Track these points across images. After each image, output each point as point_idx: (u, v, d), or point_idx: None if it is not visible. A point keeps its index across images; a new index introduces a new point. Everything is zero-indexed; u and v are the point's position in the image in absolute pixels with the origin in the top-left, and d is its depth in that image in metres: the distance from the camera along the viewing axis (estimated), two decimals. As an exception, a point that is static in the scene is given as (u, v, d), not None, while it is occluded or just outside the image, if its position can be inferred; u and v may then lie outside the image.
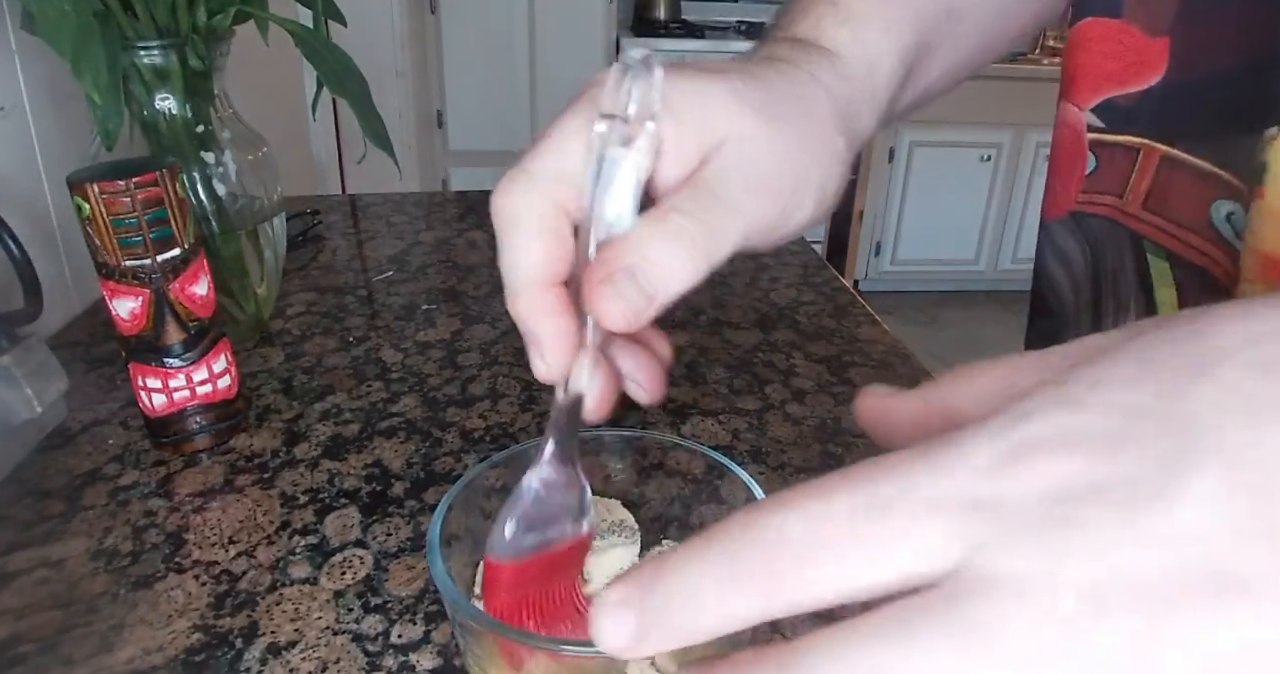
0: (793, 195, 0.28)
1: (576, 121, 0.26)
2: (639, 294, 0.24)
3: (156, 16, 0.54)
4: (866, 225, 3.18)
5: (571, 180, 0.26)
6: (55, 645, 0.38)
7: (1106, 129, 0.45)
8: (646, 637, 0.18)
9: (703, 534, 0.18)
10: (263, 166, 0.63)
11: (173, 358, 0.50)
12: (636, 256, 0.24)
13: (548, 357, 0.27)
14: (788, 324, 0.72)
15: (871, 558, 0.16)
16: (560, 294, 0.26)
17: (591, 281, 0.24)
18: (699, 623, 0.17)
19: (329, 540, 0.45)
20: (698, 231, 0.25)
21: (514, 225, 0.26)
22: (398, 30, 2.23)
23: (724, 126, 0.27)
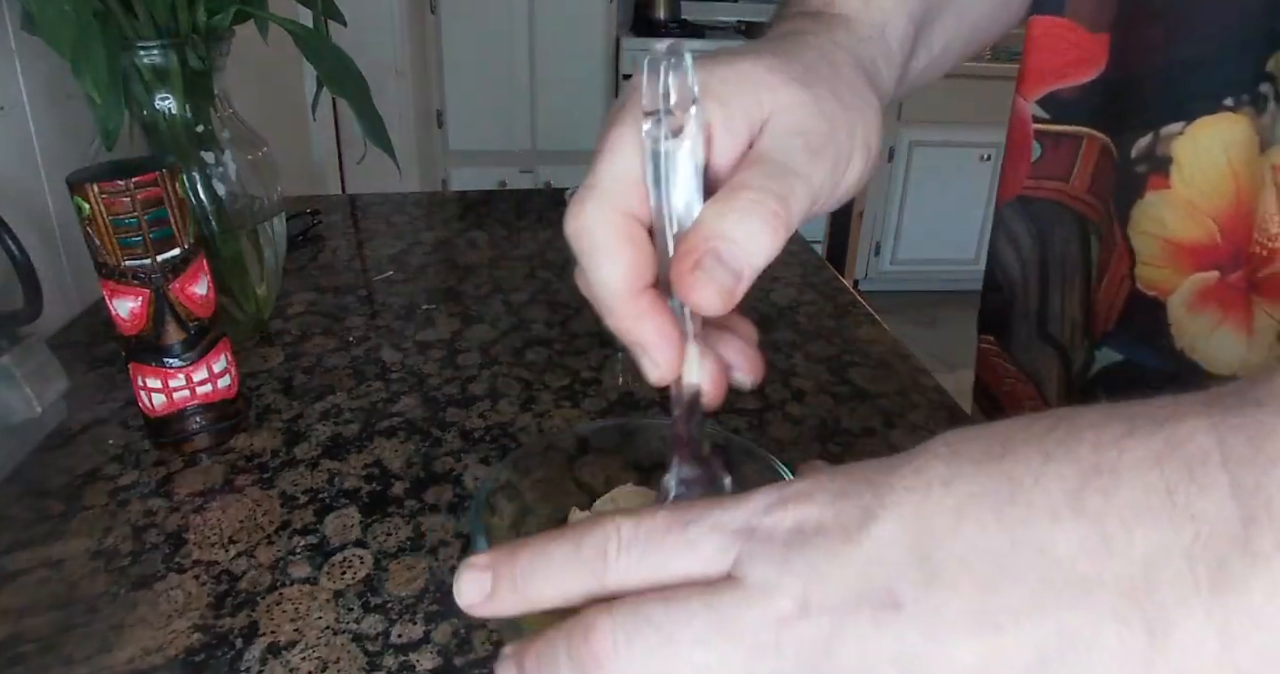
0: (843, 153, 0.29)
1: (624, 128, 0.27)
2: (727, 274, 0.25)
3: (156, 16, 0.54)
4: (866, 225, 3.17)
5: (635, 186, 0.27)
6: (55, 645, 0.38)
7: (1050, 120, 0.47)
8: (497, 598, 0.24)
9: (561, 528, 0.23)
10: (263, 166, 0.63)
11: (173, 358, 0.50)
12: (716, 238, 0.25)
13: (657, 359, 0.27)
14: (788, 324, 0.72)
15: (669, 558, 0.22)
16: (653, 297, 0.27)
17: (680, 272, 0.25)
18: (542, 592, 0.23)
19: (329, 540, 0.45)
20: (770, 202, 0.26)
21: (593, 244, 0.27)
22: (398, 30, 2.23)
23: (768, 101, 0.28)
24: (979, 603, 0.18)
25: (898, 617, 0.19)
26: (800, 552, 0.20)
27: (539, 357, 0.65)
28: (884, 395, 0.61)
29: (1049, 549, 0.18)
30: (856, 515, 0.20)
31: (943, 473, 0.20)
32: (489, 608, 0.24)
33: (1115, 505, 0.18)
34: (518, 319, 0.72)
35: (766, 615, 0.20)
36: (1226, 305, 0.37)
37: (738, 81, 0.28)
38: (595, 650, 0.21)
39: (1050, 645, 0.17)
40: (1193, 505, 0.17)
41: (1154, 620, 0.17)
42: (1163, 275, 0.40)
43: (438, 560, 0.44)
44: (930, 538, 0.19)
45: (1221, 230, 0.37)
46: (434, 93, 2.78)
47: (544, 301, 0.75)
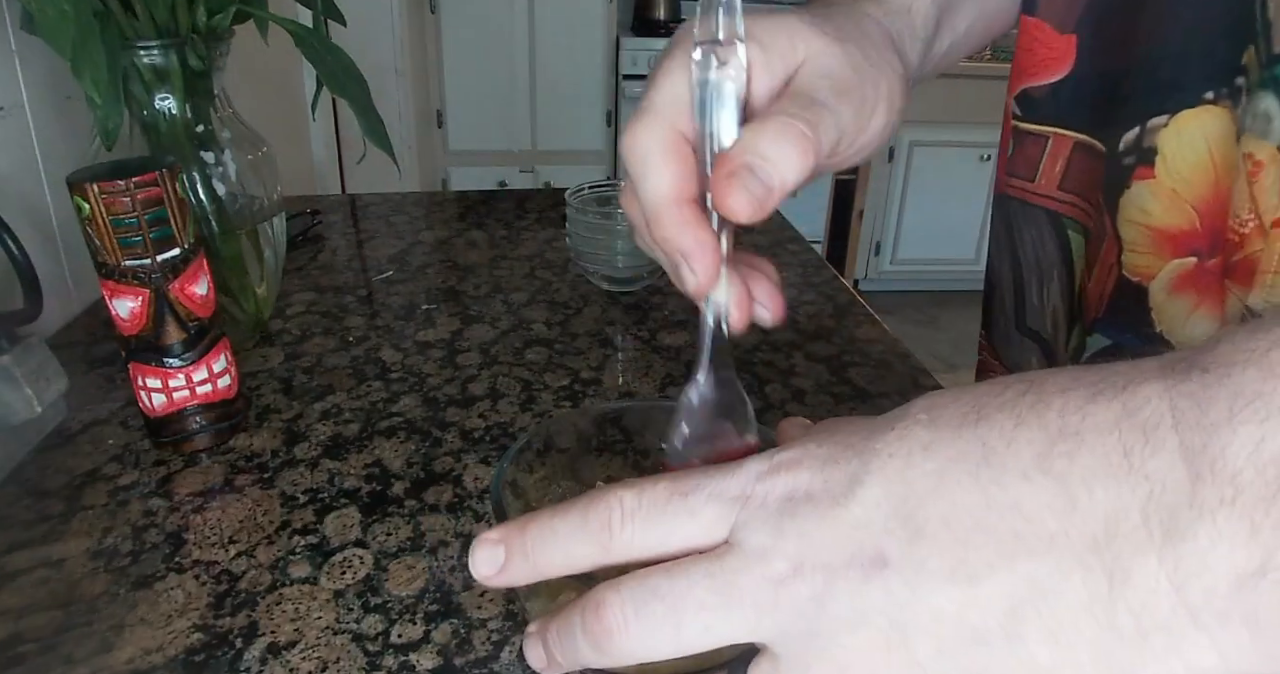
0: (867, 100, 0.32)
1: (676, 59, 0.30)
2: (760, 185, 0.28)
3: (156, 16, 0.54)
4: (866, 225, 3.17)
5: (683, 107, 0.30)
6: (55, 645, 0.38)
7: (1024, 117, 0.49)
8: (509, 569, 0.26)
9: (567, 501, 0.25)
10: (263, 166, 0.63)
11: (173, 358, 0.50)
12: (752, 155, 0.28)
13: (696, 267, 0.29)
14: (788, 324, 0.72)
15: (671, 526, 0.24)
16: (696, 209, 0.29)
17: (717, 180, 0.28)
18: (551, 561, 0.25)
19: (329, 540, 0.45)
20: (801, 126, 0.28)
21: (644, 157, 0.29)
22: (398, 30, 2.23)
23: (803, 47, 0.31)
24: (958, 556, 0.20)
25: (884, 571, 0.21)
26: (792, 517, 0.22)
27: (539, 357, 0.65)
28: (884, 395, 0.61)
29: (1020, 507, 0.20)
30: (844, 481, 0.22)
31: (923, 438, 0.22)
32: (502, 579, 0.26)
33: (1079, 467, 0.19)
34: (518, 319, 0.72)
35: (764, 577, 0.22)
36: (1202, 290, 0.39)
37: (777, 29, 0.31)
38: (606, 624, 0.23)
39: (1022, 592, 0.19)
40: (1146, 466, 0.19)
41: (1113, 568, 0.19)
42: (1145, 261, 0.41)
43: (438, 560, 0.44)
44: (913, 499, 0.21)
45: (1201, 218, 0.39)
46: (434, 93, 2.78)
47: (544, 302, 0.75)
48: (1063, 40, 0.46)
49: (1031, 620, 0.19)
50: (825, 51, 0.31)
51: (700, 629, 0.22)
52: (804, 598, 0.21)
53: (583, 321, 0.71)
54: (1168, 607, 0.18)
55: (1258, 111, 0.35)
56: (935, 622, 0.20)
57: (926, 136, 3.00)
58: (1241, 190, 0.36)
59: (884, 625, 0.21)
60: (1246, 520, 0.17)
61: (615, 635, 0.23)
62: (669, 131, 0.30)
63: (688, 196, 0.29)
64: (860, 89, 0.31)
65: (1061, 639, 0.19)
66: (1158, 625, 0.18)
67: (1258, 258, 0.36)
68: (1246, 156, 0.36)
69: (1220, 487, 0.18)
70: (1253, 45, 0.36)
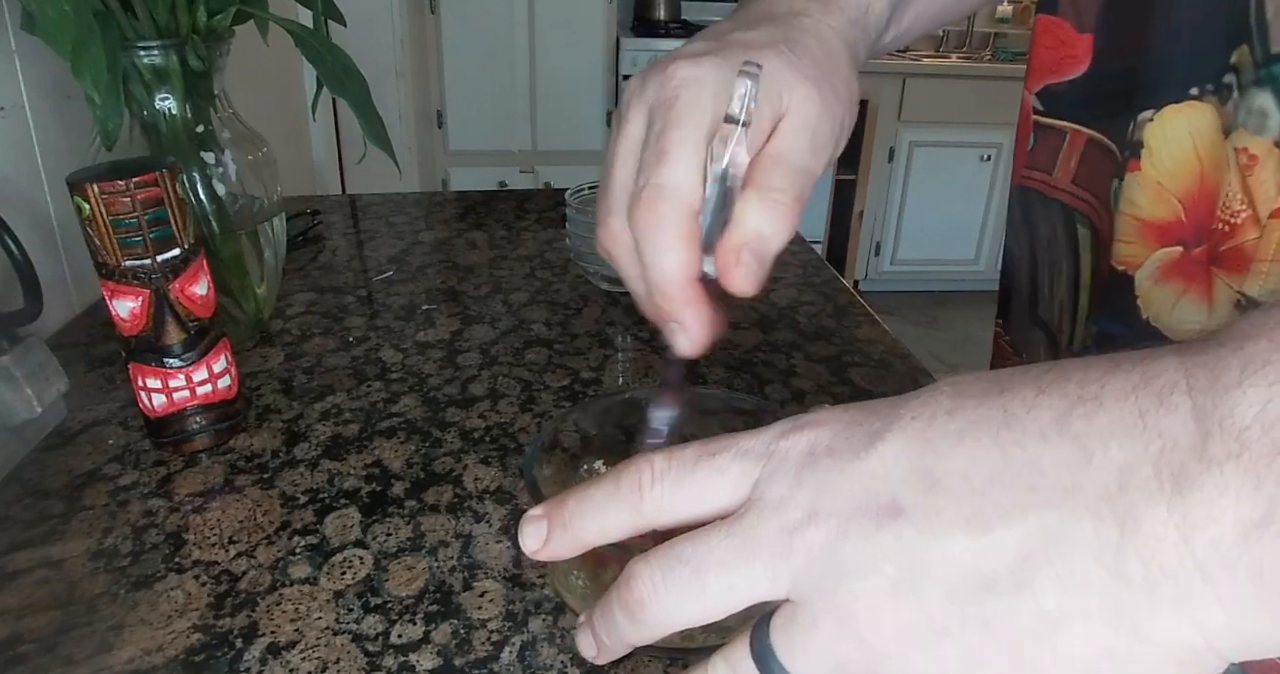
0: (836, 137, 0.34)
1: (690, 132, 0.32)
2: (760, 265, 0.31)
3: (156, 16, 0.54)
4: (866, 225, 3.17)
5: (697, 187, 0.31)
6: (55, 645, 0.38)
7: (1044, 112, 0.51)
8: (552, 541, 0.27)
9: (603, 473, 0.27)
10: (263, 166, 0.63)
11: (173, 358, 0.50)
12: (754, 236, 0.31)
13: (694, 338, 0.32)
14: (788, 324, 0.72)
15: (700, 485, 0.25)
16: (700, 289, 0.32)
17: (725, 265, 0.31)
18: (588, 529, 0.27)
19: (329, 540, 0.45)
20: (791, 202, 0.31)
21: (664, 238, 0.31)
22: (398, 30, 2.23)
23: (787, 98, 0.33)
24: (972, 507, 0.21)
25: (898, 519, 0.21)
26: (811, 470, 0.23)
27: (539, 357, 0.65)
28: (884, 395, 0.61)
29: (1037, 463, 0.20)
30: (865, 438, 0.23)
31: (946, 405, 0.23)
32: (547, 551, 0.28)
33: (1095, 427, 0.20)
34: (518, 319, 0.72)
35: (779, 527, 0.23)
36: (1188, 278, 0.40)
37: (767, 85, 0.32)
38: (638, 594, 0.24)
39: (1033, 541, 0.20)
40: (1160, 425, 0.20)
41: (1124, 517, 0.19)
42: (1132, 251, 0.43)
43: (438, 560, 0.44)
44: (932, 455, 0.22)
45: (1185, 209, 0.40)
46: (434, 93, 2.78)
47: (544, 302, 0.75)
48: (1082, 39, 0.47)
49: (1042, 568, 0.20)
50: (805, 100, 0.33)
51: (724, 589, 0.23)
52: (817, 544, 0.22)
53: (583, 322, 0.71)
54: (1176, 557, 0.19)
55: (1252, 108, 0.36)
56: (945, 569, 0.21)
57: (926, 136, 3.00)
58: (1233, 182, 0.37)
59: (893, 572, 0.21)
60: (1252, 474, 0.18)
61: (646, 604, 0.24)
62: (686, 215, 0.31)
63: (693, 276, 0.32)
64: (830, 134, 0.34)
65: (1071, 587, 0.19)
66: (1166, 574, 0.19)
67: (1251, 247, 0.37)
68: (1241, 150, 0.37)
69: (1227, 442, 0.19)
70: (1245, 44, 0.37)
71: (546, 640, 0.39)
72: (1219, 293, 0.39)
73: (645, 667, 0.38)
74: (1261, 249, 0.37)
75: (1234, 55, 0.37)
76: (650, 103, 0.34)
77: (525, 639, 0.39)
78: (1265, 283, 0.37)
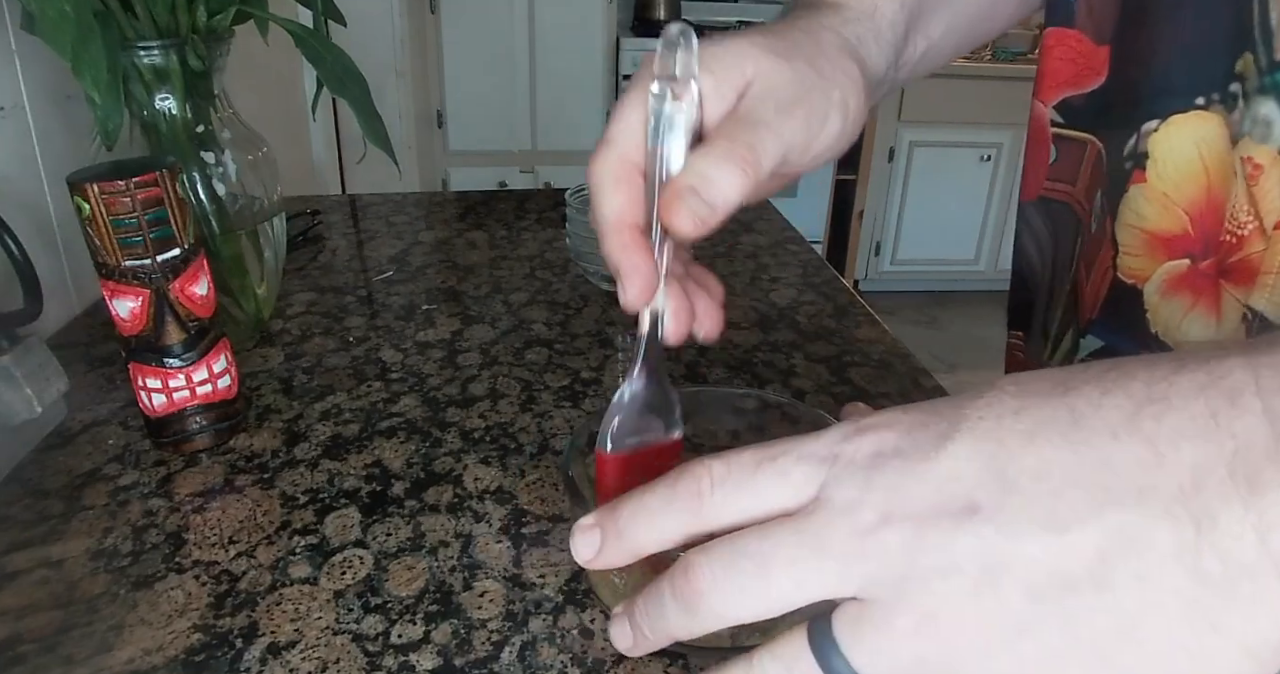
0: (816, 111, 0.34)
1: (635, 94, 0.33)
2: (702, 204, 0.30)
3: (156, 16, 0.54)
4: (866, 225, 3.17)
5: (638, 138, 0.33)
6: (55, 645, 0.38)
7: (1065, 125, 0.50)
8: (605, 551, 0.27)
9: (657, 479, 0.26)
10: (263, 166, 0.63)
11: (173, 358, 0.50)
12: (694, 177, 0.31)
13: (629, 286, 0.32)
14: (788, 324, 0.72)
15: (761, 489, 0.25)
16: (636, 234, 0.32)
17: (663, 202, 0.31)
18: (644, 538, 0.26)
19: (329, 540, 0.45)
20: (740, 149, 0.31)
21: (599, 184, 0.33)
22: (398, 30, 2.23)
23: (750, 68, 0.33)
24: (1049, 507, 0.21)
25: (975, 519, 0.22)
26: (881, 472, 0.23)
27: (539, 357, 0.65)
28: (884, 395, 0.61)
29: (1109, 463, 0.21)
30: (932, 440, 0.23)
31: (1012, 405, 0.23)
32: (601, 561, 0.27)
33: (1166, 427, 0.20)
34: (518, 319, 0.72)
35: (852, 529, 0.23)
36: (1197, 291, 0.40)
37: (726, 55, 0.33)
38: (696, 585, 0.24)
39: (1111, 541, 0.20)
40: (1233, 426, 0.20)
41: (1200, 515, 0.19)
42: (1140, 264, 0.42)
43: (438, 560, 0.44)
44: (1004, 456, 0.22)
45: (1193, 221, 0.40)
46: (434, 93, 2.78)
47: (544, 302, 0.75)
48: (1101, 51, 0.47)
49: (1120, 568, 0.20)
50: (772, 70, 0.33)
51: (790, 585, 0.23)
52: (893, 547, 0.22)
53: (583, 321, 0.71)
54: (1254, 554, 0.19)
55: (1257, 117, 0.36)
56: (1026, 568, 0.21)
57: (926, 136, 3.00)
58: (1239, 193, 0.37)
59: (974, 572, 0.21)
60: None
61: (706, 595, 0.24)
62: (622, 161, 0.33)
63: (629, 222, 0.32)
64: (808, 102, 0.34)
65: (1149, 586, 0.20)
66: (1244, 572, 0.19)
67: (1257, 259, 0.36)
68: (1246, 160, 0.36)
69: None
70: (1250, 52, 0.36)
71: (546, 640, 0.39)
72: (1226, 306, 0.38)
73: (645, 667, 0.38)
74: (1267, 261, 0.36)
75: (1239, 64, 0.37)
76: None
77: (525, 639, 0.39)
78: (1272, 296, 0.36)
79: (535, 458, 0.53)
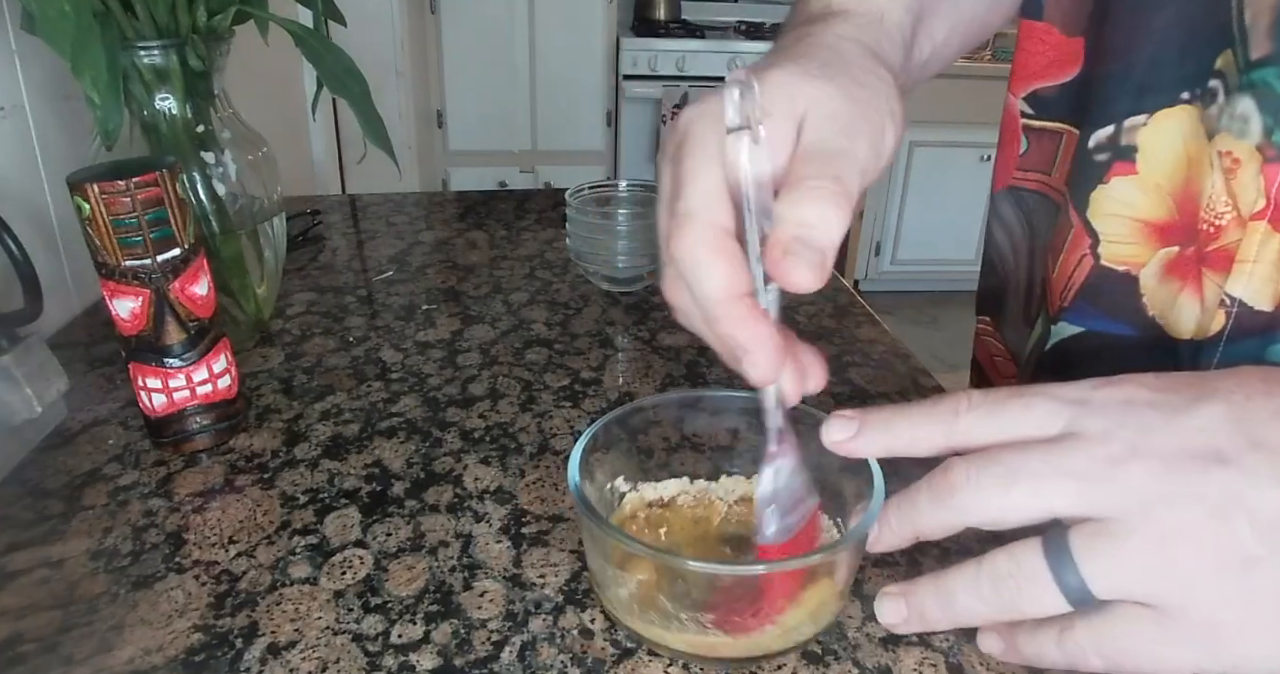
0: (875, 126, 0.33)
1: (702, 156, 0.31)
2: (813, 253, 0.29)
3: (156, 16, 0.54)
4: (866, 225, 3.17)
5: (722, 204, 0.31)
6: (55, 645, 0.38)
7: (1035, 116, 0.52)
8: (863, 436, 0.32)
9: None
10: (263, 166, 0.63)
11: (173, 358, 0.50)
12: (796, 226, 0.29)
13: (758, 360, 0.31)
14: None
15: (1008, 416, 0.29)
16: (751, 303, 0.31)
17: (773, 262, 0.29)
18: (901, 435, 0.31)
19: (329, 540, 0.45)
20: (830, 184, 0.30)
21: (694, 260, 0.30)
22: (398, 30, 2.23)
23: (801, 99, 0.32)
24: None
25: (1224, 468, 0.25)
26: (1134, 414, 0.27)
27: (539, 357, 0.65)
28: (884, 395, 0.61)
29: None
30: (1186, 400, 0.27)
31: (1261, 387, 0.27)
32: (856, 444, 0.32)
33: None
34: (518, 319, 0.72)
35: (1099, 456, 0.27)
36: (1184, 276, 0.42)
37: (774, 91, 0.32)
38: (951, 481, 0.28)
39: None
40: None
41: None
42: (1131, 251, 0.44)
43: (438, 560, 0.44)
44: (1253, 422, 0.26)
45: (1179, 210, 0.42)
46: (434, 93, 2.78)
47: (544, 302, 0.75)
48: (1072, 43, 0.48)
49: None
50: (822, 96, 0.32)
51: (1027, 493, 0.27)
52: (1139, 475, 0.26)
53: (583, 322, 0.71)
54: None
55: (1235, 113, 0.37)
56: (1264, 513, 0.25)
57: (926, 136, 3.00)
58: (1217, 184, 0.39)
59: (1214, 508, 0.25)
60: None
61: (957, 491, 0.28)
62: (714, 232, 0.30)
63: (740, 292, 0.31)
64: (865, 119, 0.33)
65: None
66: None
67: (1234, 247, 0.38)
68: (1226, 154, 0.38)
69: None
70: (1230, 50, 0.37)
71: (546, 640, 0.39)
72: (1208, 291, 0.40)
73: (645, 667, 0.38)
74: (1243, 250, 0.38)
75: (1219, 60, 0.38)
76: (669, 155, 0.34)
77: (525, 639, 0.39)
78: (1249, 283, 0.38)
79: (535, 458, 0.53)
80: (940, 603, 0.30)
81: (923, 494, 0.29)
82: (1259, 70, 0.36)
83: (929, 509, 0.29)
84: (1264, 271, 0.37)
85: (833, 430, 0.32)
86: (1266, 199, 0.37)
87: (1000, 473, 0.28)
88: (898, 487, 0.33)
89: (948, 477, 0.29)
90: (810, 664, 0.38)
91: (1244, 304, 0.38)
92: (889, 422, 0.31)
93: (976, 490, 0.28)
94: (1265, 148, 0.36)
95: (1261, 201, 0.37)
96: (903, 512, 0.30)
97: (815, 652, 0.38)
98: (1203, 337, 0.40)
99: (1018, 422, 0.29)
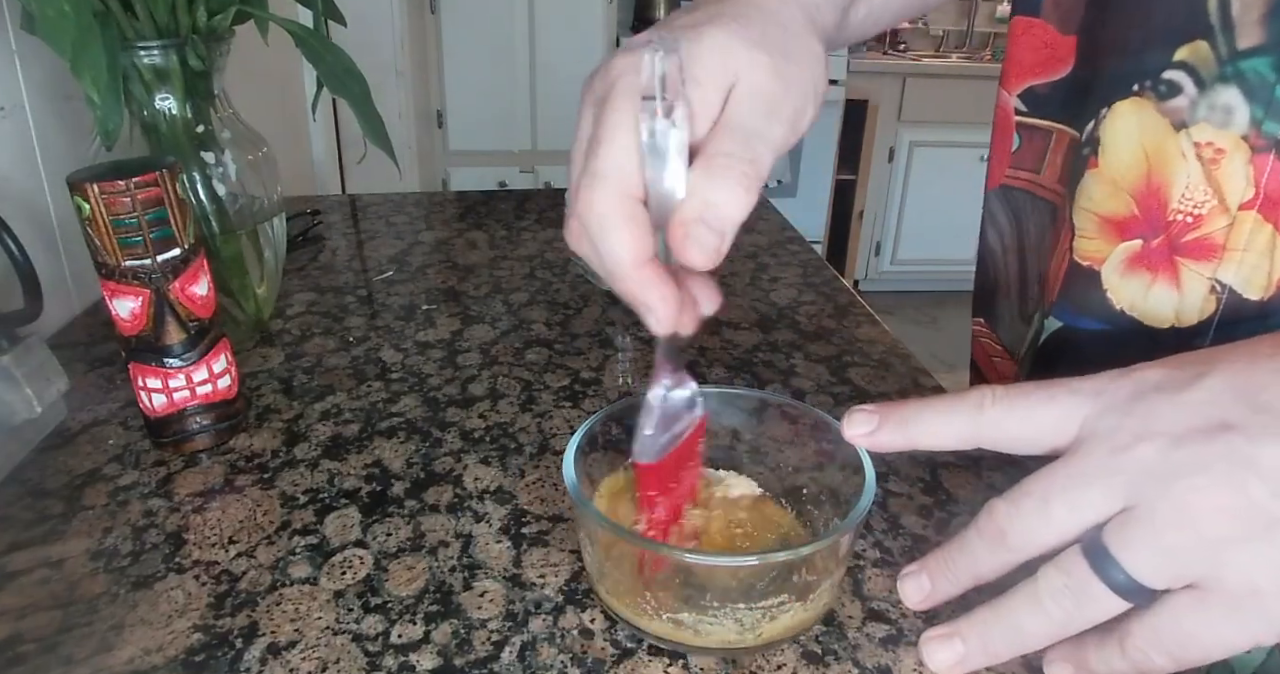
0: (799, 108, 0.33)
1: (620, 120, 0.31)
2: (712, 235, 0.30)
3: (156, 16, 0.54)
4: (866, 225, 3.17)
5: (633, 169, 0.31)
6: (55, 645, 0.38)
7: (1028, 113, 0.52)
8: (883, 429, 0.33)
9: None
10: (263, 166, 0.63)
11: (173, 358, 0.50)
12: (700, 207, 0.30)
13: (660, 317, 0.32)
14: (788, 324, 0.72)
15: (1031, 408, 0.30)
16: (655, 266, 0.31)
17: (674, 238, 0.30)
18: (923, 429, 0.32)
19: (329, 540, 0.45)
20: (744, 166, 0.30)
21: (601, 224, 0.31)
22: (398, 30, 2.23)
23: (733, 67, 0.31)
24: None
25: (1228, 433, 0.26)
26: (1140, 402, 0.28)
27: (539, 357, 0.65)
28: (884, 395, 0.61)
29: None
30: (1189, 377, 0.28)
31: (1267, 351, 0.28)
32: (874, 439, 0.33)
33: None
34: (518, 319, 0.72)
35: (1109, 449, 0.28)
36: (1154, 267, 0.42)
37: (708, 55, 0.31)
38: (997, 522, 0.29)
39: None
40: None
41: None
42: (1095, 246, 0.44)
43: (438, 560, 0.44)
44: (1255, 386, 0.27)
45: (1138, 204, 0.42)
46: (434, 93, 2.78)
47: (544, 302, 0.75)
48: (1066, 41, 0.48)
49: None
50: (753, 66, 0.32)
51: (1067, 510, 0.28)
52: (1148, 456, 0.27)
53: (583, 322, 0.71)
54: None
55: (1216, 104, 0.38)
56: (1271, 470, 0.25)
57: (926, 136, 3.00)
58: (1194, 175, 0.39)
59: (1224, 470, 0.26)
60: None
61: (1005, 530, 0.29)
62: (622, 197, 0.31)
63: (645, 258, 0.31)
64: (789, 101, 0.32)
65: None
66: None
67: (1220, 235, 0.39)
68: (1207, 144, 0.38)
69: None
70: (1204, 41, 0.38)
71: (546, 640, 0.39)
72: (1186, 280, 0.41)
73: (646, 667, 0.38)
74: (1233, 238, 0.38)
75: (1181, 52, 0.39)
76: (595, 100, 0.33)
77: (525, 639, 0.39)
78: (1239, 270, 0.39)
79: (535, 458, 0.53)
80: (1004, 630, 0.30)
81: (976, 542, 0.30)
82: (1247, 60, 0.36)
83: (988, 555, 0.30)
84: (1253, 260, 0.38)
85: (854, 424, 0.33)
86: (1257, 188, 0.37)
87: (1035, 501, 0.29)
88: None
89: (994, 520, 0.29)
90: (810, 664, 0.38)
91: (1234, 291, 0.39)
92: (913, 415, 0.32)
93: (1023, 524, 0.29)
94: (1253, 137, 0.37)
95: (1251, 191, 0.37)
96: (961, 563, 0.31)
97: (815, 652, 0.38)
98: (1184, 325, 0.41)
99: (1038, 413, 0.30)
